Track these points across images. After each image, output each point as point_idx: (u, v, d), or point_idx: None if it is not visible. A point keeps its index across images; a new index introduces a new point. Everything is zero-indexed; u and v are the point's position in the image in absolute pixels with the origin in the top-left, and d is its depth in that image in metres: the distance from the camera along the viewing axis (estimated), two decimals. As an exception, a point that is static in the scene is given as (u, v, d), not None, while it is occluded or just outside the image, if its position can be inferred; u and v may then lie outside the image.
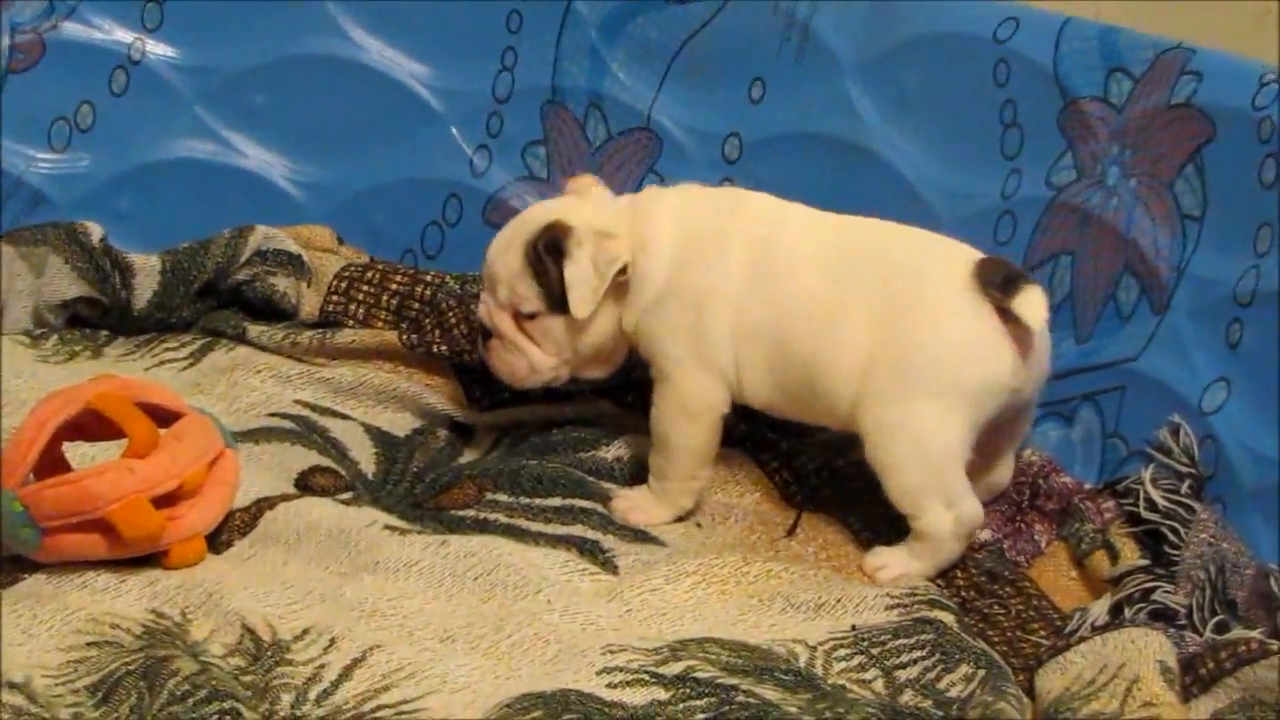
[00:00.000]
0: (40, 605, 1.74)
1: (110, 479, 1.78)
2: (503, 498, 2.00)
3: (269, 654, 1.69)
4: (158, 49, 2.48)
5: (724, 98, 2.37)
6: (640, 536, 1.95)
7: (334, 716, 1.61)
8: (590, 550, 1.90)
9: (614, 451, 2.11)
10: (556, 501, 1.99)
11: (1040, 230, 2.14)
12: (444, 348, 2.21)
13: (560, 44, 2.45)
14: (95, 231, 2.32)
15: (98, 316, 2.33)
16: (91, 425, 1.85)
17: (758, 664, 1.71)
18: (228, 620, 1.73)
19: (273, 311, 2.34)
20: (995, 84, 2.18)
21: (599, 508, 1.99)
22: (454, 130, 2.48)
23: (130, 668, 1.65)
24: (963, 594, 1.90)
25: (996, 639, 1.83)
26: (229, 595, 1.76)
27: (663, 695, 1.65)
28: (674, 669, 1.69)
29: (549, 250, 2.00)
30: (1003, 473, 2.03)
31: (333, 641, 1.71)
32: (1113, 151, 2.09)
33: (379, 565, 1.84)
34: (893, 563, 1.94)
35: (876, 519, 2.00)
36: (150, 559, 1.82)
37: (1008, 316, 1.88)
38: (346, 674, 1.67)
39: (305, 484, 2.01)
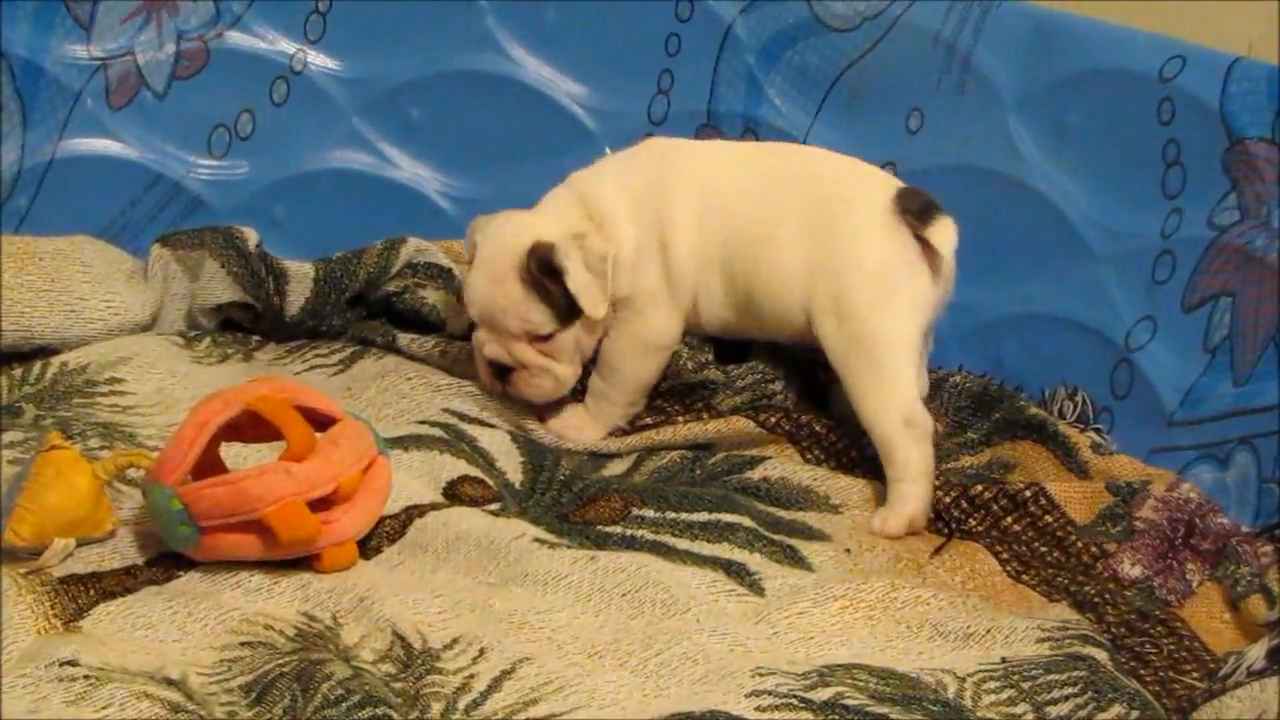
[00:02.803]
0: (195, 603, 1.76)
1: (268, 481, 1.80)
2: (649, 513, 2.00)
3: (419, 662, 1.70)
4: (319, 60, 2.51)
5: (881, 127, 2.37)
6: (788, 559, 1.95)
7: (483, 727, 1.62)
8: (737, 572, 1.90)
9: (760, 472, 2.11)
10: (703, 516, 1.99)
11: (1200, 271, 2.12)
12: None
13: (718, 68, 2.46)
14: (252, 237, 2.35)
15: (250, 322, 2.36)
16: (247, 426, 1.87)
17: (906, 693, 1.70)
18: (378, 626, 1.74)
19: (421, 324, 2.35)
20: (1159, 122, 2.16)
21: (745, 521, 1.99)
22: (608, 150, 2.47)
23: (284, 669, 1.66)
24: (1113, 630, 1.88)
25: (1149, 679, 1.81)
26: (380, 601, 1.77)
27: (812, 721, 1.65)
28: (823, 694, 1.68)
29: (544, 271, 2.10)
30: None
31: (482, 652, 1.71)
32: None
33: (528, 578, 1.84)
34: (895, 501, 2.06)
35: (1023, 548, 2.00)
36: (302, 562, 1.83)
37: (921, 242, 2.08)
38: (496, 685, 1.67)
39: (453, 493, 2.02)
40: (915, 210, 2.08)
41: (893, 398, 2.07)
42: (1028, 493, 2.05)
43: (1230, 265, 2.10)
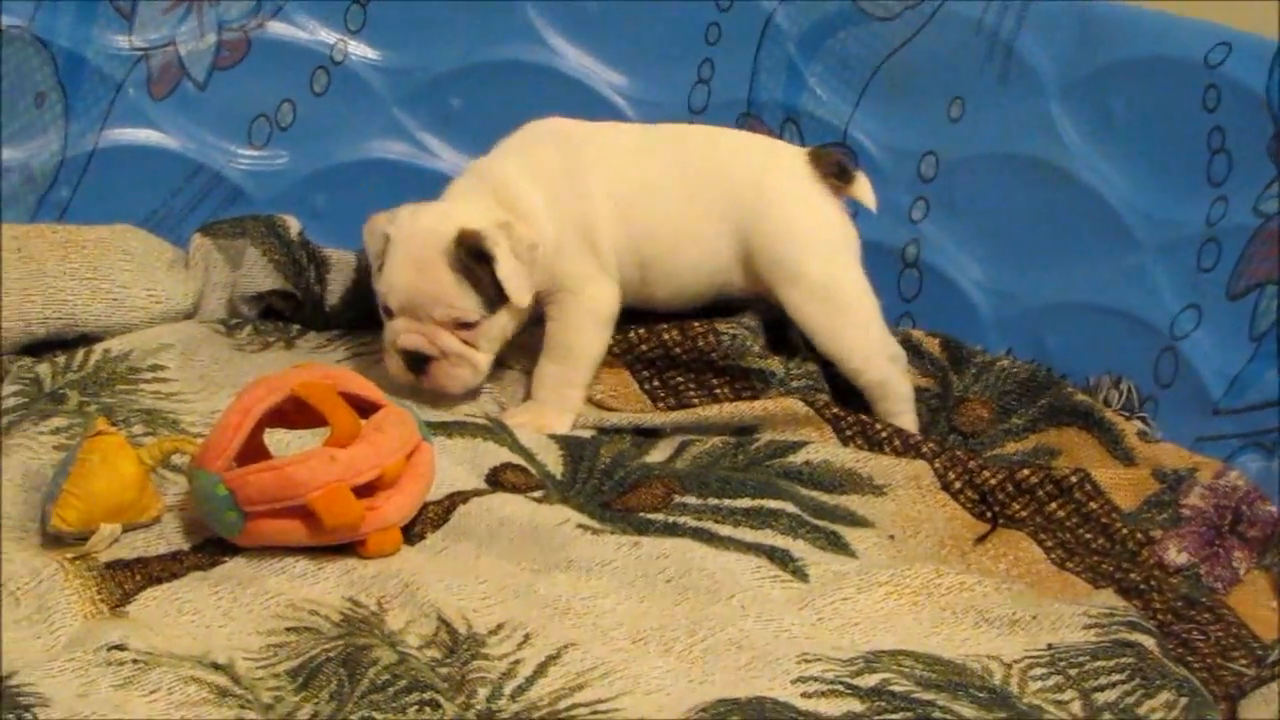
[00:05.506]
0: (241, 589, 1.76)
1: (313, 467, 1.80)
2: (691, 500, 1.99)
3: (465, 647, 1.70)
4: (359, 50, 2.52)
5: (922, 115, 2.37)
6: (831, 545, 1.94)
7: (529, 712, 1.61)
8: (780, 559, 1.89)
9: (802, 456, 2.10)
10: (746, 503, 1.98)
11: (1245, 258, 2.11)
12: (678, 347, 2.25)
13: (758, 57, 2.46)
14: (293, 225, 2.36)
15: (290, 311, 2.37)
16: (291, 413, 1.87)
17: (952, 679, 1.69)
18: (423, 611, 1.74)
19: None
20: (1204, 109, 2.15)
21: (788, 507, 1.98)
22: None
23: (330, 654, 1.67)
24: (1159, 618, 1.87)
25: (1196, 665, 1.80)
26: (424, 587, 1.77)
27: (858, 707, 1.64)
28: (869, 681, 1.67)
29: (473, 257, 2.10)
30: None
31: (527, 637, 1.71)
32: (1325, 180, 2.07)
33: (571, 563, 1.84)
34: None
35: (1068, 535, 1.99)
36: (346, 547, 1.83)
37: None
38: (541, 670, 1.67)
39: (496, 480, 2.02)
40: (835, 172, 2.20)
41: (875, 340, 2.21)
42: (1073, 479, 2.04)
43: (1275, 252, 2.09)
